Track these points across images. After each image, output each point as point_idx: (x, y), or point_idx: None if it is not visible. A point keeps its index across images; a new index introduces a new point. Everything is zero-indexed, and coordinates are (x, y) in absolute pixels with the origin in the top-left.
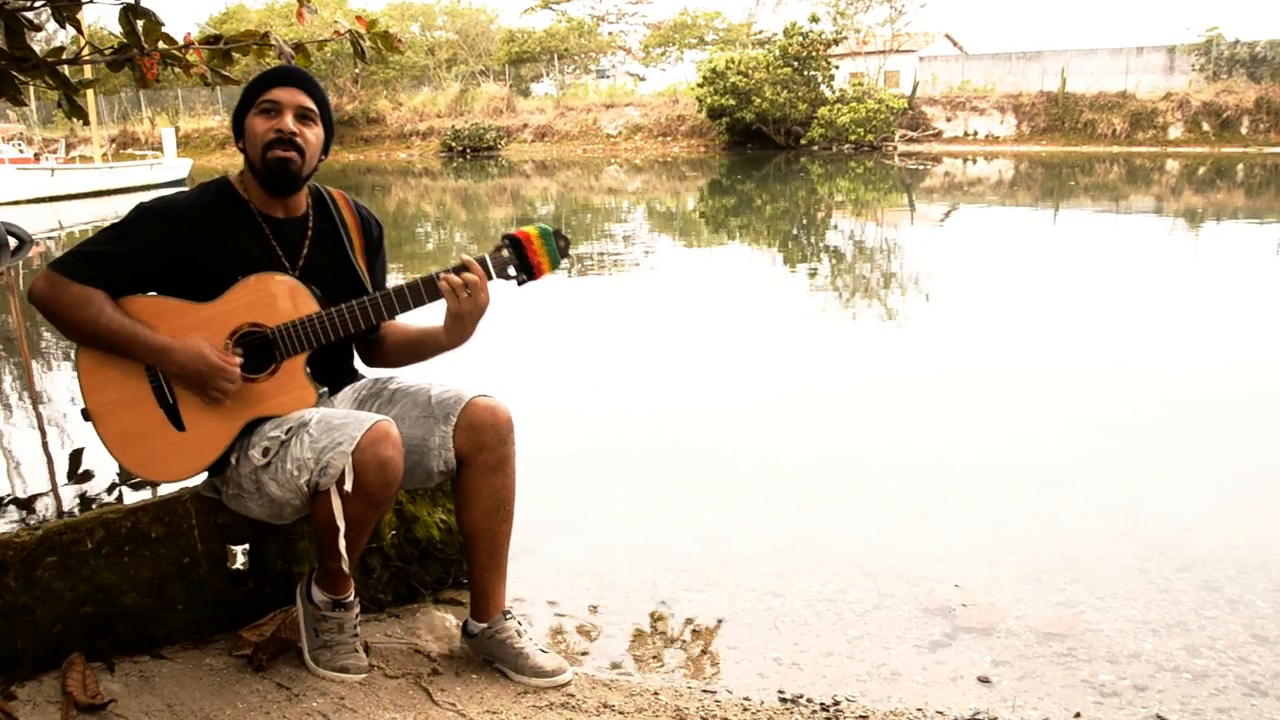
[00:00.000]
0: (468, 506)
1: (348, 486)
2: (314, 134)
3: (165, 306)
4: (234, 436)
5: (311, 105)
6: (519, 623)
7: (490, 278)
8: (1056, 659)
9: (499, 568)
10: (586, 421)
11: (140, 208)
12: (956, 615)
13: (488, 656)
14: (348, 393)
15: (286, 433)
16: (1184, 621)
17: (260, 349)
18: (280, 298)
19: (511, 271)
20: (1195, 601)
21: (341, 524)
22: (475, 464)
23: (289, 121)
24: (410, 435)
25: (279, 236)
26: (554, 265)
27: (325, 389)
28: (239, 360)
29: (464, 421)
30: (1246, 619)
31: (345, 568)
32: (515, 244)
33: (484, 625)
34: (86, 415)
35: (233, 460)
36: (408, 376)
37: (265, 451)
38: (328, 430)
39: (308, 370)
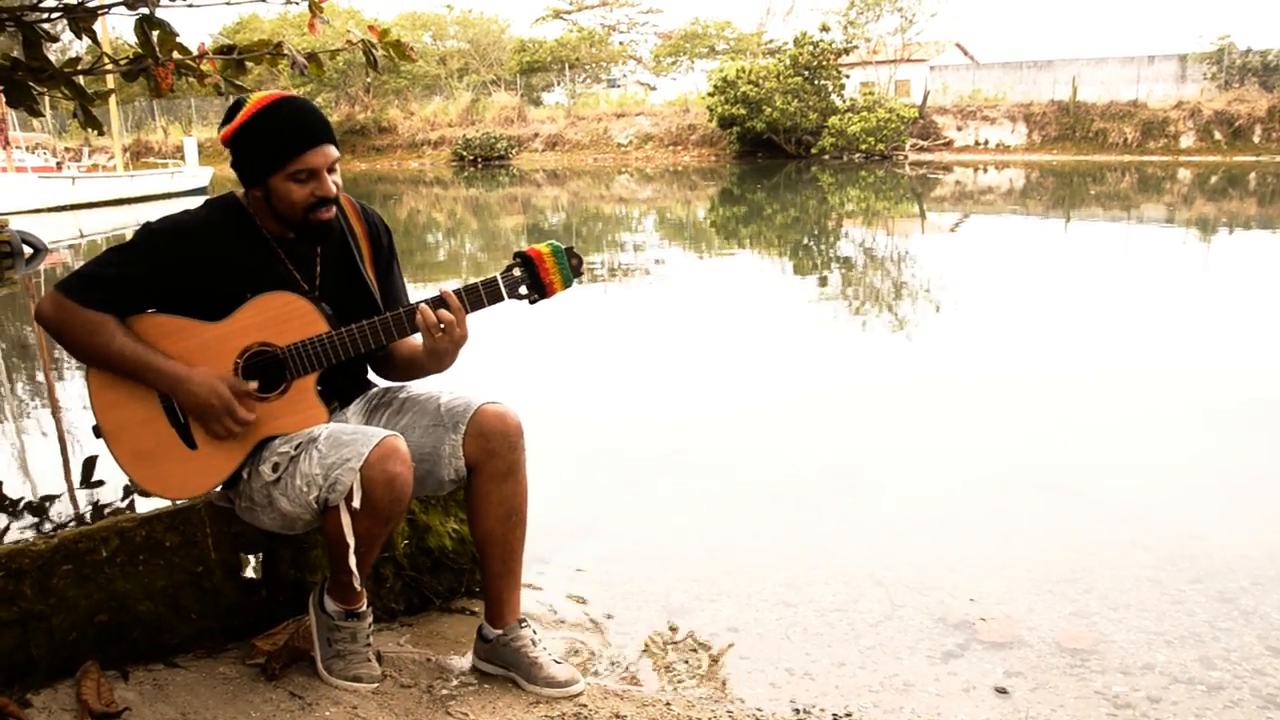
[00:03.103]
0: (479, 513)
1: (356, 503)
2: (339, 175)
3: (174, 326)
4: (245, 455)
5: (338, 154)
6: (534, 632)
7: (502, 299)
8: (1069, 670)
9: (513, 574)
10: (597, 429)
11: (146, 229)
12: (969, 626)
13: (501, 663)
14: (359, 403)
15: (296, 449)
16: (1198, 633)
17: (270, 368)
18: (290, 317)
19: (523, 290)
20: (1209, 613)
21: (351, 540)
22: (486, 471)
23: (330, 186)
24: (420, 444)
25: (293, 258)
26: (566, 283)
27: (336, 404)
28: (252, 408)
29: (473, 429)
30: (1261, 630)
31: (357, 583)
32: (527, 262)
33: (499, 632)
34: (98, 432)
35: (244, 475)
36: (417, 385)
37: (275, 467)
38: (336, 446)
39: (318, 389)
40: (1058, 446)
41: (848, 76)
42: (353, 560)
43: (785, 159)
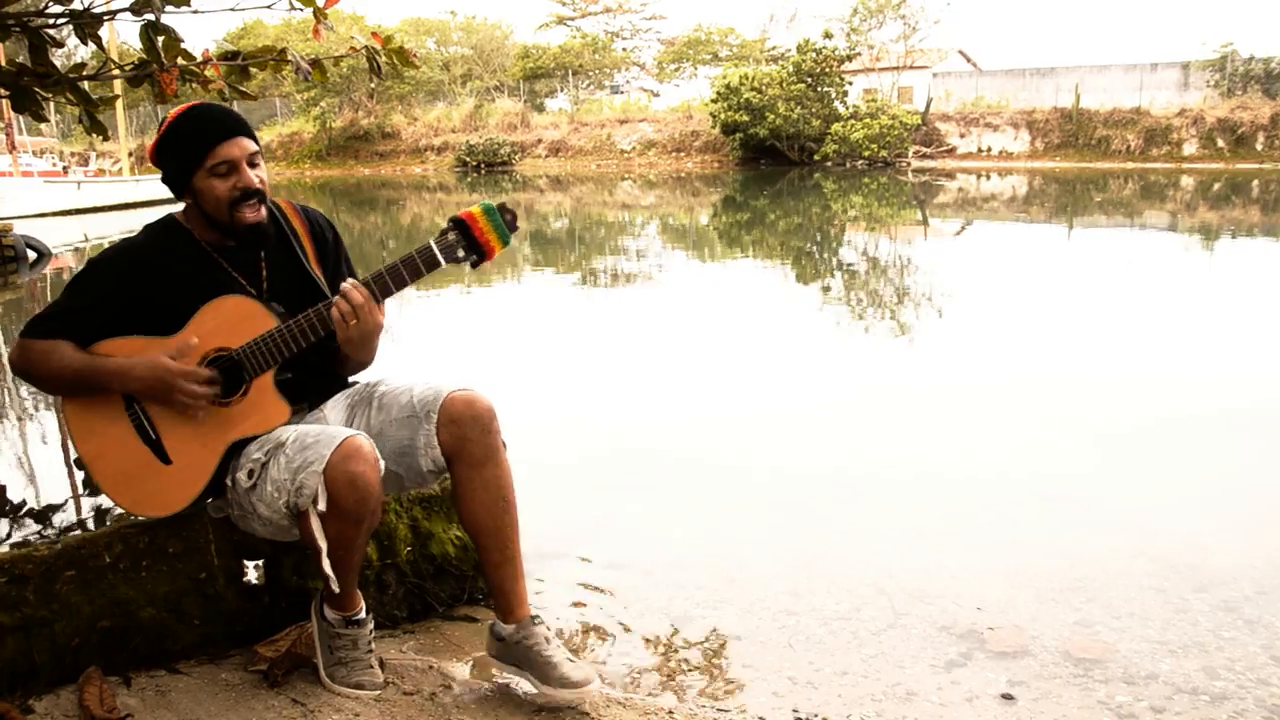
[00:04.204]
0: (466, 503)
1: (321, 506)
2: (265, 172)
3: (135, 345)
4: (218, 462)
5: (257, 147)
6: (548, 629)
7: (439, 264)
8: (1073, 680)
9: (511, 563)
10: (599, 435)
11: (90, 261)
12: (972, 635)
13: (514, 662)
14: (340, 399)
15: (266, 454)
16: (1202, 642)
17: (230, 372)
18: (241, 318)
19: (461, 254)
20: (1213, 622)
21: (322, 543)
22: (463, 458)
23: (251, 178)
24: (398, 438)
25: (238, 266)
26: (503, 242)
27: (305, 404)
28: (206, 373)
29: (444, 417)
30: (1266, 640)
31: (334, 586)
32: (460, 225)
33: (512, 628)
34: (80, 464)
35: (229, 482)
36: (395, 379)
37: (250, 474)
38: (301, 450)
39: (278, 386)
40: (1060, 454)
41: (851, 83)
42: (326, 564)
43: (788, 166)
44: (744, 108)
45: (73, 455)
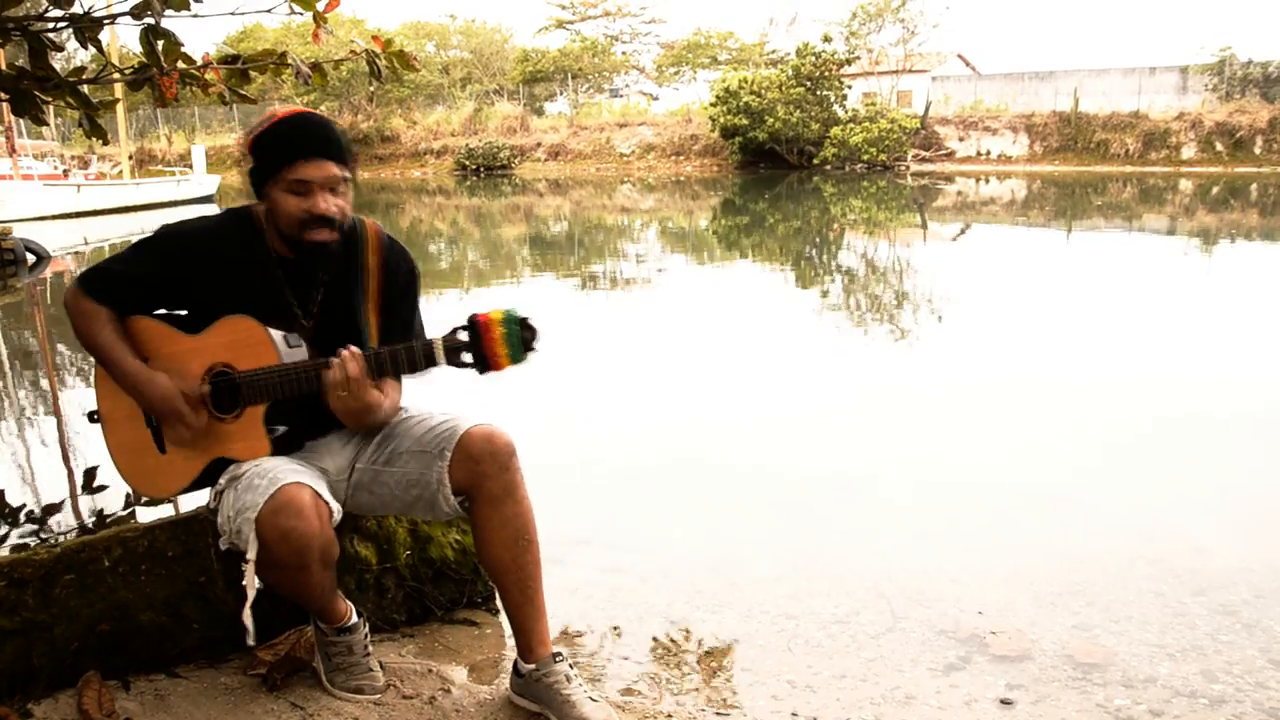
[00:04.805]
0: (485, 540)
1: (250, 555)
2: (347, 198)
3: (160, 332)
4: (201, 469)
5: (341, 174)
6: (570, 666)
7: (437, 364)
8: (1071, 684)
9: (533, 602)
10: (598, 439)
11: (160, 229)
12: (971, 639)
13: (534, 699)
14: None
15: (226, 483)
16: (1200, 646)
17: (230, 390)
18: (248, 344)
19: (466, 359)
20: (1211, 626)
21: (251, 592)
22: (481, 495)
23: (323, 203)
24: (408, 471)
25: (293, 281)
26: (514, 359)
27: (304, 442)
28: (204, 415)
29: (460, 454)
30: (1264, 644)
31: (248, 640)
32: (474, 328)
33: (532, 667)
34: (94, 418)
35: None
36: (413, 406)
37: (216, 497)
38: (246, 491)
39: (272, 417)
40: (1060, 457)
41: (850, 87)
42: (247, 616)
43: (787, 169)
44: (743, 111)
45: (92, 407)
